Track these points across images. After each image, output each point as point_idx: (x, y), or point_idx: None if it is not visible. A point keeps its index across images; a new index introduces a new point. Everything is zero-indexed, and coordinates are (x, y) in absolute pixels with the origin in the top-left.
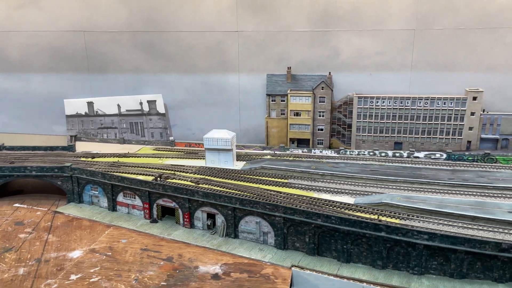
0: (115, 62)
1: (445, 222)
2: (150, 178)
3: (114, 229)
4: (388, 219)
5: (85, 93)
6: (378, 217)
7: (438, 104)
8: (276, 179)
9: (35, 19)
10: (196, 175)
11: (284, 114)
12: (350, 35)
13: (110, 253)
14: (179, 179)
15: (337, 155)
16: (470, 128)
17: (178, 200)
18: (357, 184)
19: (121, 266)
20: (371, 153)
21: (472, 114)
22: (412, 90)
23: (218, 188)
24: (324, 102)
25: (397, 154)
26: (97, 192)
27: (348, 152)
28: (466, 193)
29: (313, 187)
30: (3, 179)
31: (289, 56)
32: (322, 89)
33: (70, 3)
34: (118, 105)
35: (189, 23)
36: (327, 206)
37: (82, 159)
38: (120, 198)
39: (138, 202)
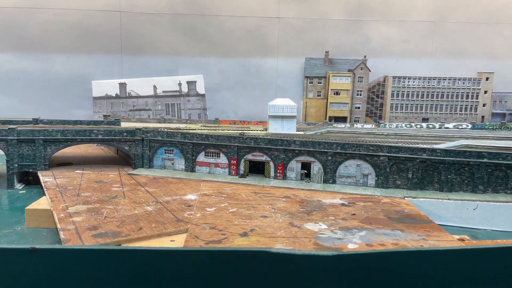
0: (151, 43)
1: None
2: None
3: (208, 183)
4: None
5: (115, 74)
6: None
7: (458, 84)
8: (348, 140)
9: None
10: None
11: (320, 95)
12: (380, 25)
13: (226, 195)
14: None
15: (378, 128)
16: (484, 105)
17: (271, 153)
18: (422, 139)
19: (247, 202)
20: (407, 125)
21: (485, 92)
22: (431, 74)
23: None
24: (362, 81)
25: (430, 126)
26: (173, 155)
27: (387, 125)
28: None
29: (388, 142)
30: (64, 144)
31: (326, 42)
32: (361, 69)
33: None
34: (154, 86)
35: (231, 8)
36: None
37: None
38: (201, 158)
39: (222, 159)
